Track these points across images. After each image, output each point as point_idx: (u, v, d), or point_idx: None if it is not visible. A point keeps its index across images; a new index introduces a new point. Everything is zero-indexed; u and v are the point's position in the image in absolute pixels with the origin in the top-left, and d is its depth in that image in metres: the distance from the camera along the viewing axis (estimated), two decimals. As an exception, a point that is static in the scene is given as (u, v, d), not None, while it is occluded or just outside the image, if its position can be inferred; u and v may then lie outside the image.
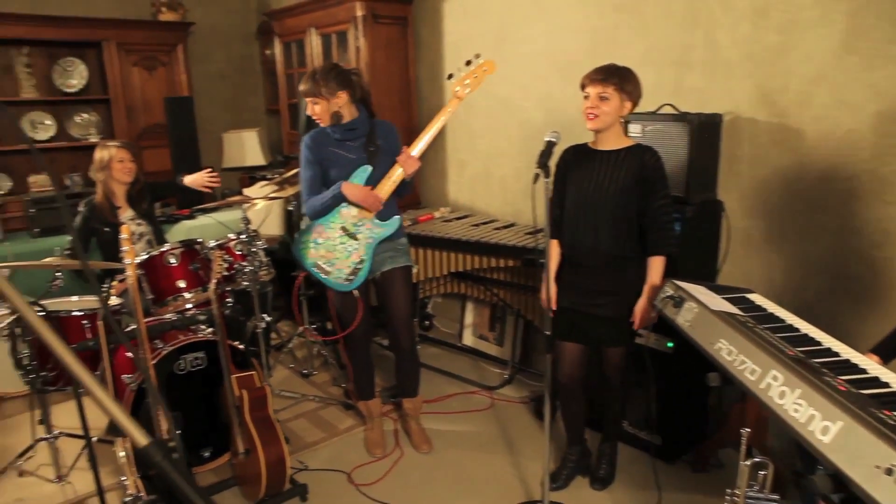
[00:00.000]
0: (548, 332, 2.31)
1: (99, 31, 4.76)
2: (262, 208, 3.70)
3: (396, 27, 4.10)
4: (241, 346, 2.95)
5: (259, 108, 6.04)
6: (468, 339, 4.27)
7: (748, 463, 1.74)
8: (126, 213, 3.36)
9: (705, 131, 2.82)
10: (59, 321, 2.88)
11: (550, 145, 2.21)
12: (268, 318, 3.55)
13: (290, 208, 3.56)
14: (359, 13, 3.91)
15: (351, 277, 2.81)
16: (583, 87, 2.39)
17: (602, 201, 2.41)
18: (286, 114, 5.00)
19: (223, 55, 5.75)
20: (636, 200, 2.39)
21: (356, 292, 2.87)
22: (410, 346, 3.02)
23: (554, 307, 2.52)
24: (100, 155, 3.29)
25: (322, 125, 2.78)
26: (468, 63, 2.76)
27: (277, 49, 4.84)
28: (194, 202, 4.62)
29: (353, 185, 2.73)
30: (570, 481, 2.81)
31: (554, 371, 2.64)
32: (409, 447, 3.15)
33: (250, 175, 5.35)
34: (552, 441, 3.15)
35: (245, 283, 3.20)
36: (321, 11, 4.24)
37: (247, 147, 5.43)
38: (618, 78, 2.31)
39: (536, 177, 2.14)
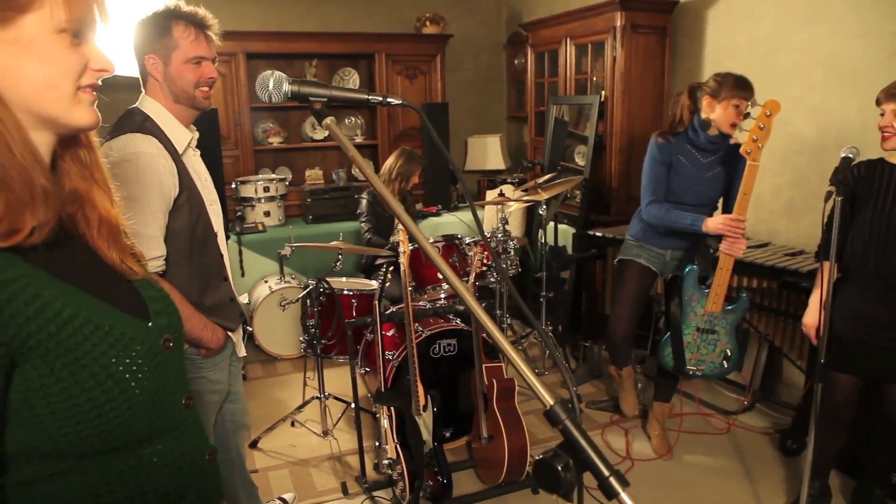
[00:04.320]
0: (822, 360, 2.15)
1: (372, 44, 5.34)
2: (510, 210, 3.90)
3: (655, 36, 4.06)
4: (490, 339, 3.14)
5: (501, 114, 6.33)
6: (702, 359, 4.09)
7: None
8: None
9: None
10: (335, 297, 3.31)
11: (847, 161, 2.08)
12: (507, 315, 3.74)
13: (541, 212, 3.70)
14: (618, 23, 3.94)
15: (724, 364, 2.91)
16: (878, 102, 2.22)
17: None
18: (533, 121, 5.18)
19: (473, 64, 6.11)
20: None
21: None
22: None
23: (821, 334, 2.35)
24: (409, 167, 3.94)
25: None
26: (745, 116, 2.63)
27: (530, 58, 5.04)
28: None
29: (714, 219, 2.71)
30: None
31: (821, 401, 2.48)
32: (639, 458, 3.14)
33: (490, 178, 5.62)
34: (790, 473, 2.97)
35: (492, 280, 3.41)
36: (578, 22, 4.33)
37: (489, 151, 5.72)
38: None
39: (829, 195, 2.01)
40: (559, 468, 0.86)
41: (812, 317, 2.46)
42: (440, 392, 2.93)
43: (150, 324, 0.93)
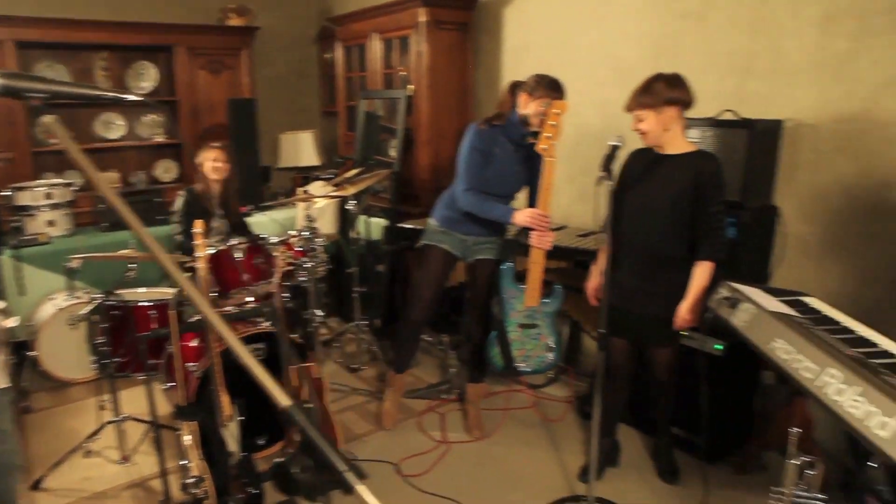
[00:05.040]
0: (602, 330, 2.35)
1: (171, 35, 4.97)
2: (319, 207, 3.82)
3: (457, 33, 4.18)
4: (300, 339, 3.05)
5: (314, 110, 6.21)
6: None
7: (797, 462, 1.76)
8: (216, 210, 3.61)
9: (764, 137, 2.82)
10: (129, 310, 3.04)
11: (614, 149, 2.26)
12: (321, 313, 3.66)
13: (349, 207, 3.66)
14: (422, 19, 4.00)
15: (550, 356, 2.98)
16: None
17: (658, 203, 2.46)
18: (344, 116, 5.13)
19: (283, 59, 5.93)
20: (691, 204, 2.42)
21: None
22: (483, 334, 3.15)
23: (598, 298, 2.62)
24: (199, 154, 3.57)
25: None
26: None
27: (339, 53, 4.98)
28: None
29: (522, 212, 2.78)
30: (602, 473, 2.88)
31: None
32: (455, 440, 3.23)
33: (304, 175, 5.49)
34: (587, 435, 3.23)
35: (302, 279, 3.32)
36: (385, 17, 4.35)
37: (302, 148, 5.57)
38: (646, 97, 2.38)
39: (600, 180, 2.18)
40: (293, 470, 0.84)
41: (590, 282, 2.76)
42: (250, 399, 2.80)
43: None
